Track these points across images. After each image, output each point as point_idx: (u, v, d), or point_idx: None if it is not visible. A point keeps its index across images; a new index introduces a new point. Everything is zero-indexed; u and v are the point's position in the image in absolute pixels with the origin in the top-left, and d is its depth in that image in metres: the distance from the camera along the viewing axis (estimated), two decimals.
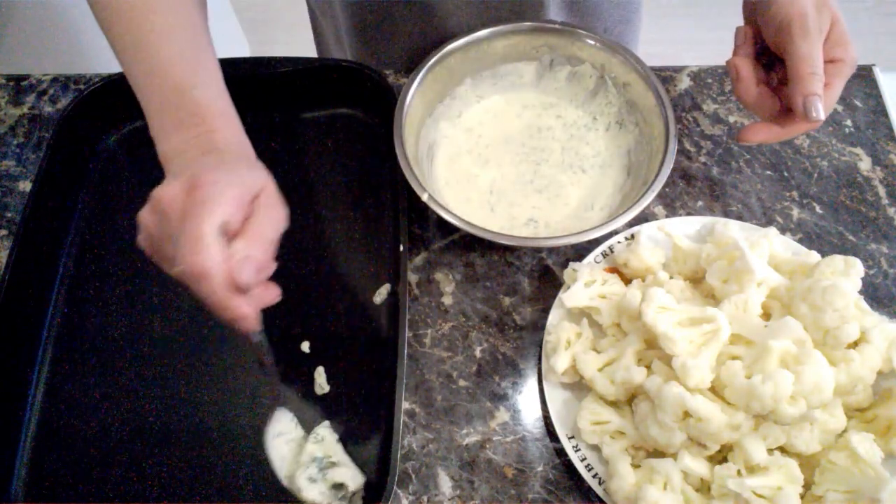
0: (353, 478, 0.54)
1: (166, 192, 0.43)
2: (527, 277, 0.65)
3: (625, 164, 0.68)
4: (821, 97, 0.52)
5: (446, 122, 0.70)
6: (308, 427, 0.58)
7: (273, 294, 0.47)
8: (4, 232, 0.69)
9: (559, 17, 0.74)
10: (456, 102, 0.70)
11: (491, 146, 0.70)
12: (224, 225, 0.42)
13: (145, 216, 0.45)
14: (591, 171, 0.69)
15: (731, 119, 0.74)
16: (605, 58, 0.67)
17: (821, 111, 0.52)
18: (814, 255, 0.59)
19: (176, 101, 0.49)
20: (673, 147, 0.61)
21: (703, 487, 0.51)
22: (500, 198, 0.67)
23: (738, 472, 0.49)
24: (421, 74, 0.65)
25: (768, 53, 0.57)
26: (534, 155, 0.70)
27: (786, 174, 0.71)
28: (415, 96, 0.64)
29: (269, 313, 0.64)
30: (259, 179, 0.46)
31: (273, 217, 0.46)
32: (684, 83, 0.76)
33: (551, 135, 0.71)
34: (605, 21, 0.79)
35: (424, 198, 0.59)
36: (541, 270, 0.66)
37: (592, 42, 0.67)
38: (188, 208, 0.41)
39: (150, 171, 0.72)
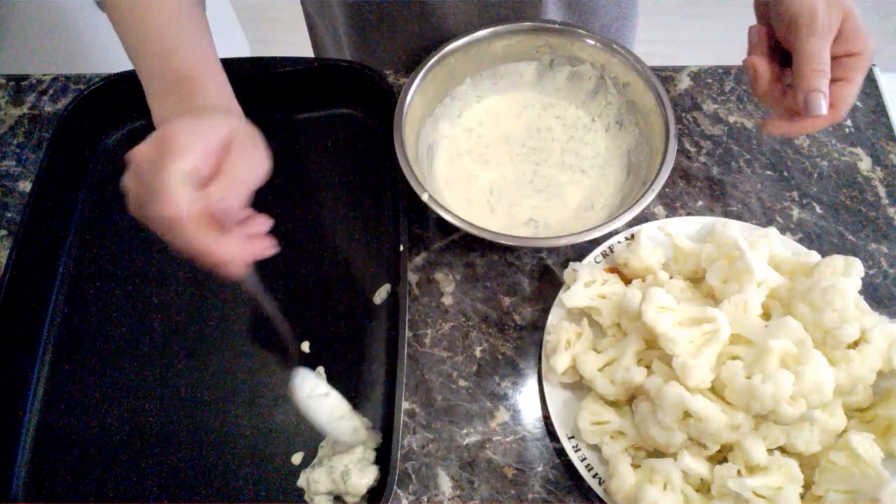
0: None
1: (138, 151, 0.43)
2: (527, 277, 0.65)
3: (625, 165, 0.68)
4: (824, 94, 0.52)
5: (446, 122, 0.70)
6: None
7: (263, 246, 0.47)
8: (4, 232, 0.69)
9: (557, 15, 0.74)
10: (456, 102, 0.70)
11: (491, 146, 0.70)
12: (192, 172, 0.42)
13: (127, 180, 0.44)
14: (590, 171, 0.69)
15: (731, 119, 0.74)
16: (606, 58, 0.67)
17: (823, 107, 0.52)
18: (814, 255, 0.59)
19: (162, 65, 0.50)
20: (673, 147, 0.61)
21: (703, 487, 0.51)
22: (500, 198, 0.67)
23: (738, 472, 0.49)
24: (421, 74, 0.65)
25: (782, 50, 0.57)
26: (534, 155, 0.70)
27: (786, 174, 0.71)
28: (415, 96, 0.64)
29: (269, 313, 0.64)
30: (228, 124, 0.45)
31: (248, 159, 0.45)
32: (684, 83, 0.76)
33: (551, 135, 0.71)
34: (602, 18, 0.79)
35: (424, 198, 0.59)
36: (541, 270, 0.66)
37: (592, 42, 0.67)
38: (156, 160, 0.42)
39: None
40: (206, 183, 0.43)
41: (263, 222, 0.48)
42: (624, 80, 0.67)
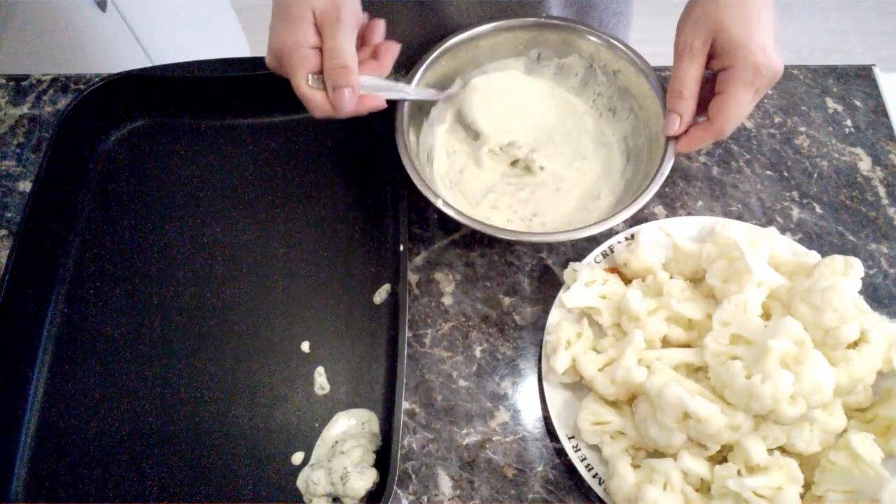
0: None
1: (270, 65, 0.55)
2: (527, 277, 0.65)
3: (623, 151, 0.68)
4: (677, 114, 0.57)
5: (441, 125, 0.70)
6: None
7: (374, 103, 0.56)
8: (4, 232, 0.69)
9: (558, 9, 0.74)
10: (448, 105, 0.70)
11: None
12: (310, 75, 0.52)
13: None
14: (591, 161, 0.68)
15: None
16: (594, 47, 0.67)
17: (672, 127, 0.57)
18: (814, 255, 0.59)
19: None
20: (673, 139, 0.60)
21: (703, 487, 0.51)
22: (501, 195, 0.67)
23: (738, 472, 0.49)
24: (415, 81, 0.64)
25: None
26: (531, 151, 0.69)
27: (786, 174, 0.71)
28: (410, 103, 0.64)
29: (269, 313, 0.64)
30: (295, 26, 0.52)
31: (339, 29, 0.52)
32: None
33: (547, 129, 0.70)
34: (600, 13, 0.79)
35: (438, 203, 0.58)
36: (541, 270, 0.66)
37: (581, 33, 0.66)
38: (286, 74, 0.54)
39: (150, 171, 0.73)
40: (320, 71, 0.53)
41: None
42: (614, 68, 0.67)
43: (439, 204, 0.58)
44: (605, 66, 0.68)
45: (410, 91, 0.62)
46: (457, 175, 0.68)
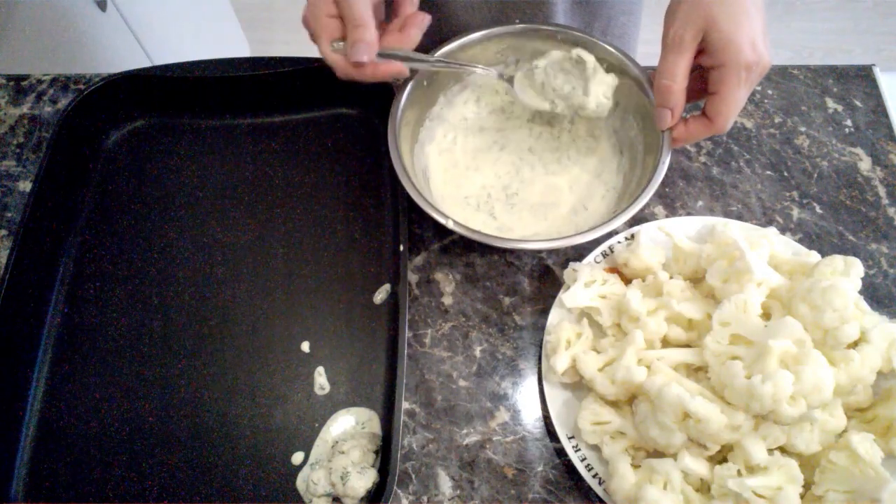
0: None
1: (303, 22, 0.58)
2: (527, 277, 0.65)
3: (615, 144, 0.68)
4: (668, 108, 0.57)
5: (431, 144, 0.69)
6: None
7: (393, 69, 0.58)
8: (4, 232, 0.69)
9: (566, 10, 0.74)
10: (435, 123, 0.70)
11: (479, 154, 0.70)
12: (333, 42, 0.56)
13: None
14: (584, 158, 0.68)
15: None
16: (569, 47, 0.66)
17: (665, 122, 0.57)
18: (814, 255, 0.59)
19: None
20: (668, 134, 0.60)
21: (703, 487, 0.51)
22: (498, 201, 0.67)
23: (738, 472, 0.49)
24: (401, 105, 0.63)
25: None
26: (522, 154, 0.69)
27: (786, 174, 0.71)
28: (401, 128, 0.63)
29: (269, 313, 0.64)
30: None
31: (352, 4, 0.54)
32: None
33: (534, 131, 0.70)
34: (609, 11, 0.79)
35: (449, 225, 0.57)
36: (541, 270, 0.66)
37: (555, 36, 0.66)
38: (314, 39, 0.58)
39: (150, 171, 0.73)
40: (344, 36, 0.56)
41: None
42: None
43: (450, 225, 0.57)
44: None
45: (431, 60, 0.62)
46: (456, 185, 0.68)
